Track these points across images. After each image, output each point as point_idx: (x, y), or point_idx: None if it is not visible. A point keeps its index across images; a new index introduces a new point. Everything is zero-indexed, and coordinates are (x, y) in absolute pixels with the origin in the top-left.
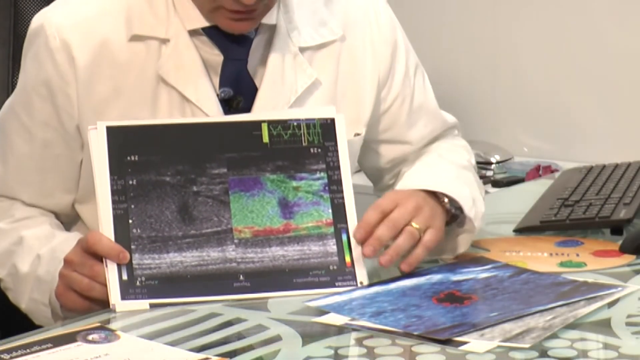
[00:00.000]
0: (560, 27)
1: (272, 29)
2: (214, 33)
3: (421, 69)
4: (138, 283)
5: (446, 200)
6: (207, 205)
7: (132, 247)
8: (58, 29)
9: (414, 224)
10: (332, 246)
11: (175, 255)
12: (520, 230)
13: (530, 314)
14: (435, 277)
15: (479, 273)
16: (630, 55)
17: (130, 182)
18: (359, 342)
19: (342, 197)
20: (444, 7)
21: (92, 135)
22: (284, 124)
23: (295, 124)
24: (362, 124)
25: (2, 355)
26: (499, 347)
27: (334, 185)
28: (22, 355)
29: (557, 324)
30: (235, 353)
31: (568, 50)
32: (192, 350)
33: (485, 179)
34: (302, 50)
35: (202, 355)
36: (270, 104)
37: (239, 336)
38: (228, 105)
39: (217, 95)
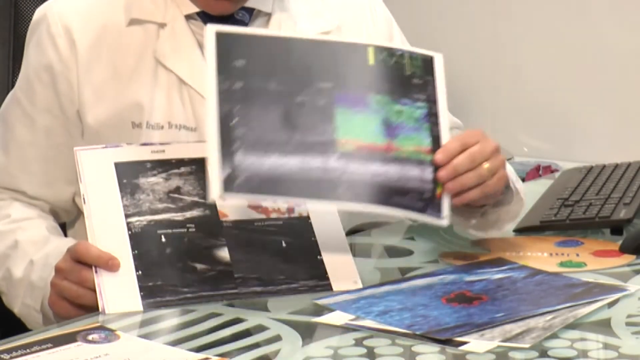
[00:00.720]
0: (560, 27)
1: (268, 17)
2: (207, 18)
3: None
4: (240, 180)
5: None
6: (312, 115)
7: (235, 145)
8: (60, 15)
9: (486, 165)
10: (429, 174)
11: (277, 158)
12: (520, 230)
13: (531, 315)
14: (449, 278)
15: (494, 274)
16: (630, 55)
17: (237, 85)
18: (359, 342)
19: (439, 130)
20: (443, 7)
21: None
22: (389, 50)
23: (399, 53)
24: None
25: (2, 355)
26: (499, 347)
27: (433, 117)
28: (22, 355)
29: (557, 324)
30: (235, 353)
31: (568, 50)
32: (192, 350)
33: None
34: None
35: (202, 355)
36: None
37: (239, 336)
38: None
39: None
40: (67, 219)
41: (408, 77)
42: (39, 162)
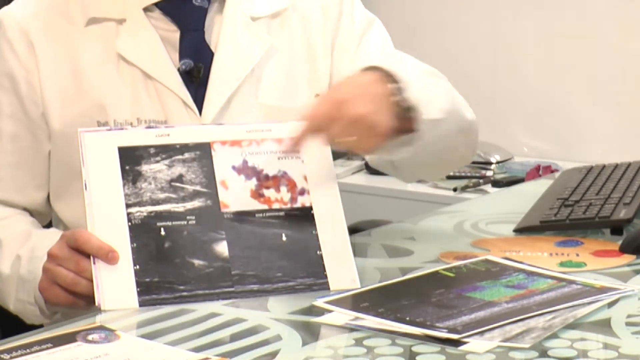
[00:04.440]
0: (561, 27)
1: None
2: (167, 7)
3: (377, 25)
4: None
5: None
6: None
7: None
8: (16, 19)
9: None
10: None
11: None
12: (520, 230)
13: (532, 316)
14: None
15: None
16: (630, 55)
17: None
18: (359, 342)
19: None
20: (444, 7)
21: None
22: None
23: None
24: (321, 85)
25: (2, 355)
26: (499, 347)
27: None
28: (22, 355)
29: (557, 324)
30: (235, 353)
31: (568, 50)
32: (192, 350)
33: (485, 179)
34: (255, 19)
35: (202, 355)
36: (229, 72)
37: (239, 336)
38: (190, 76)
39: (178, 68)
40: (42, 222)
41: None
42: (6, 169)
